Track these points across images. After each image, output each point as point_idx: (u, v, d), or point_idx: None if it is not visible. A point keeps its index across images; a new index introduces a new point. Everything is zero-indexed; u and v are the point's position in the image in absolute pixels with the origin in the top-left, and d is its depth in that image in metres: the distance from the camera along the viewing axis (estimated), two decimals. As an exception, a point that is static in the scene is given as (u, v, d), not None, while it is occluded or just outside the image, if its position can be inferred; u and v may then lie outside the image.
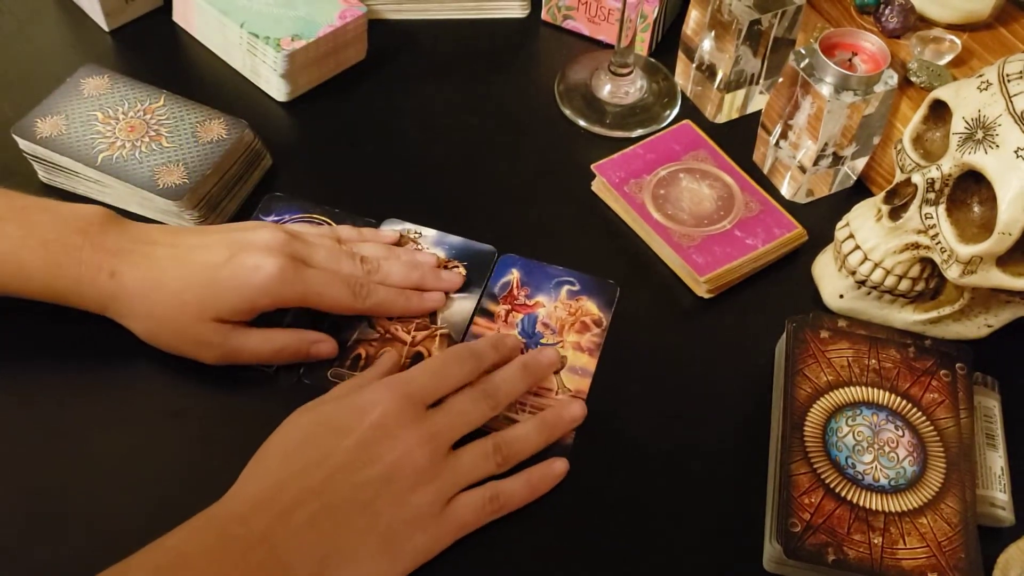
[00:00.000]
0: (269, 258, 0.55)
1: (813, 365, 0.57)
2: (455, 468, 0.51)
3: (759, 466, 0.56)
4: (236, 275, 0.55)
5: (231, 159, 0.65)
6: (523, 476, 0.53)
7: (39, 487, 0.53)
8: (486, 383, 0.55)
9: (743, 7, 0.68)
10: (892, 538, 0.50)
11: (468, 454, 0.52)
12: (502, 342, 0.58)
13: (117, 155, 0.64)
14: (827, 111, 0.63)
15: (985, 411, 0.57)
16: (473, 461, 0.52)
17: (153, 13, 0.79)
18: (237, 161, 0.66)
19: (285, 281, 0.55)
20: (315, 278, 0.57)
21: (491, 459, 0.53)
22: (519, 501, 0.53)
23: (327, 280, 0.57)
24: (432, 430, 0.51)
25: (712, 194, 0.67)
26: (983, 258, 0.54)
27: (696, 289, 0.64)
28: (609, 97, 0.75)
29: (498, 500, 0.52)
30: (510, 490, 0.52)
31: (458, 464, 0.51)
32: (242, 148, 0.66)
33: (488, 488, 0.52)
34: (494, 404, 0.54)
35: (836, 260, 0.62)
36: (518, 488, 0.53)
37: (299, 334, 0.58)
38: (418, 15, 0.81)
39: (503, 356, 0.57)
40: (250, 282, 0.54)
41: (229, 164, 0.65)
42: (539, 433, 0.55)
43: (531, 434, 0.54)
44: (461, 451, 0.52)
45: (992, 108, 0.53)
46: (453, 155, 0.72)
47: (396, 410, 0.50)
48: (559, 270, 0.65)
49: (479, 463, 0.52)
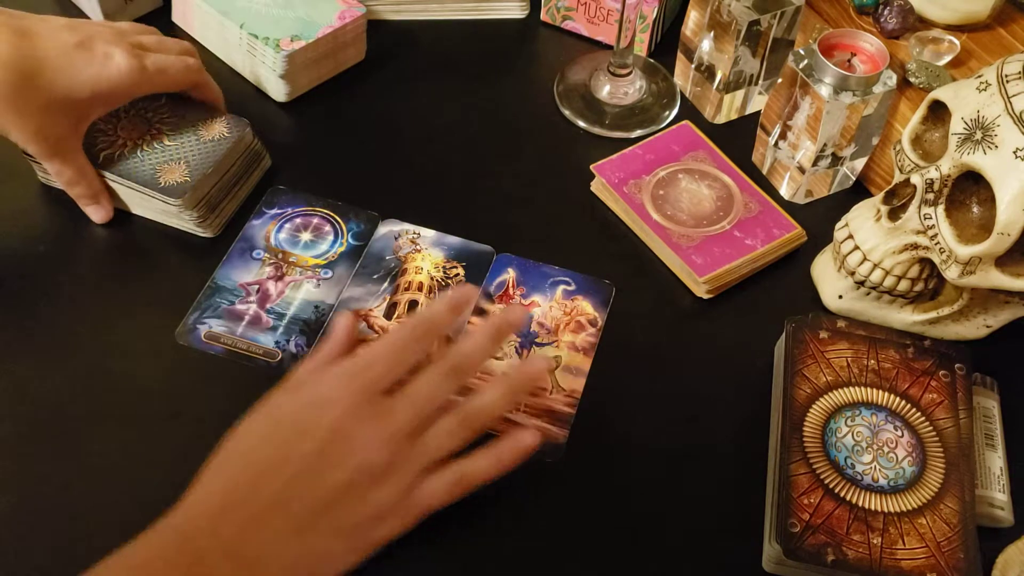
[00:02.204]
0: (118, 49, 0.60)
1: (812, 365, 0.57)
2: (420, 453, 0.49)
3: (758, 466, 0.56)
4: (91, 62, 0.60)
5: (232, 158, 0.65)
6: (490, 453, 0.51)
7: (38, 487, 0.53)
8: (452, 357, 0.51)
9: (742, 8, 0.68)
10: (891, 538, 0.50)
11: (433, 436, 0.49)
12: (456, 299, 0.53)
13: (119, 154, 0.64)
14: (826, 112, 0.63)
15: (984, 411, 0.57)
16: (438, 443, 0.49)
17: (153, 14, 0.79)
18: (238, 160, 0.66)
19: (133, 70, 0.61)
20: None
21: (456, 436, 0.50)
22: (486, 478, 0.50)
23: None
24: (394, 427, 0.48)
25: (711, 195, 0.67)
26: (982, 259, 0.54)
27: (695, 290, 0.64)
28: (608, 98, 0.75)
29: (464, 481, 0.50)
30: (476, 469, 0.50)
31: (423, 448, 0.49)
32: (243, 147, 0.66)
33: (453, 472, 0.50)
34: (462, 378, 0.51)
35: (835, 261, 0.62)
36: (485, 466, 0.50)
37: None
38: (418, 15, 0.81)
39: (461, 312, 0.53)
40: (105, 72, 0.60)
41: (230, 163, 0.65)
42: (505, 396, 0.52)
43: (497, 399, 0.51)
44: (426, 434, 0.49)
45: (991, 109, 0.53)
46: (452, 156, 0.72)
47: (354, 407, 0.48)
48: (555, 270, 0.65)
49: (444, 443, 0.49)
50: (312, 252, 0.65)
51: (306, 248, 0.65)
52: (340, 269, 0.64)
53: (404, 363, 0.50)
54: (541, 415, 0.58)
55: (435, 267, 0.65)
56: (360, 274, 0.64)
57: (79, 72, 0.59)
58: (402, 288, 0.63)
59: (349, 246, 0.66)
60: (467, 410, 0.50)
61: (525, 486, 0.55)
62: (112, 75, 0.60)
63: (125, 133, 0.65)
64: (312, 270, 0.64)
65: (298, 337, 0.61)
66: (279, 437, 0.48)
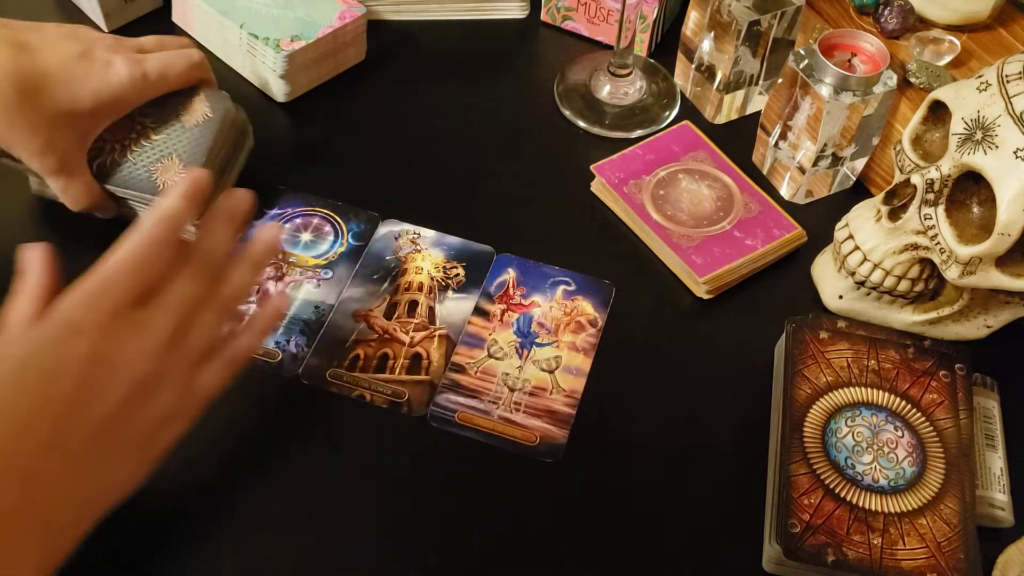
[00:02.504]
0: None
1: (812, 366, 0.57)
2: (186, 353, 0.47)
3: (758, 467, 0.56)
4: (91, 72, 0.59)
5: (221, 140, 0.63)
6: (251, 327, 0.51)
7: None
8: (199, 257, 0.49)
9: (742, 8, 0.68)
10: (891, 539, 0.50)
11: (196, 334, 0.48)
12: (189, 188, 0.50)
13: (110, 160, 0.62)
14: (826, 112, 0.63)
15: (984, 412, 0.57)
16: (202, 338, 0.48)
17: (152, 14, 0.79)
18: (227, 142, 0.64)
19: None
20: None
21: (218, 325, 0.49)
22: (255, 350, 0.52)
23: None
24: (154, 338, 0.46)
25: (711, 195, 0.67)
26: (982, 259, 0.54)
27: (695, 290, 0.64)
28: (608, 98, 0.75)
29: (235, 360, 0.50)
30: (243, 347, 0.51)
31: (188, 349, 0.48)
32: (228, 125, 0.64)
33: (222, 359, 0.49)
34: (215, 275, 0.50)
35: (835, 261, 0.62)
36: (250, 340, 0.51)
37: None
38: (418, 16, 0.81)
39: (198, 202, 0.50)
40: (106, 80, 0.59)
41: (220, 146, 0.63)
42: (251, 270, 0.51)
43: (245, 277, 0.51)
44: (189, 333, 0.48)
45: (991, 109, 0.53)
46: (452, 156, 0.72)
47: (107, 333, 0.45)
48: (555, 270, 0.65)
49: (209, 336, 0.49)
50: (312, 252, 0.65)
51: (306, 248, 0.65)
52: (340, 269, 0.64)
53: (148, 271, 0.47)
54: (541, 415, 0.58)
55: (435, 267, 0.65)
56: (360, 274, 0.64)
57: (82, 84, 0.58)
58: (402, 288, 0.63)
59: (349, 246, 0.66)
60: (221, 299, 0.50)
61: (525, 486, 0.55)
62: (114, 84, 0.59)
63: (111, 136, 0.62)
64: (312, 270, 0.64)
65: (298, 337, 0.61)
66: (31, 383, 0.44)
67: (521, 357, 0.60)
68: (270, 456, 0.56)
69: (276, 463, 0.55)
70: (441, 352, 0.60)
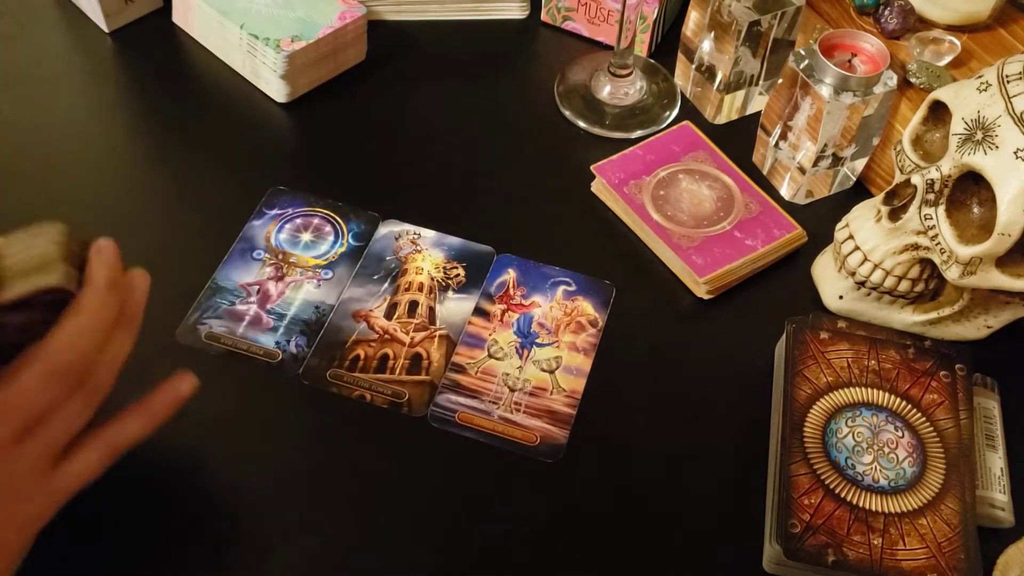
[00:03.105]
0: None
1: (813, 366, 0.57)
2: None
3: (759, 467, 0.56)
4: None
5: None
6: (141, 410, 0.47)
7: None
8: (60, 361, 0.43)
9: (742, 8, 0.68)
10: (892, 539, 0.50)
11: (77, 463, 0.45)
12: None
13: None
14: (826, 112, 0.63)
15: (985, 412, 0.57)
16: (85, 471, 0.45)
17: (153, 14, 0.79)
18: None
19: None
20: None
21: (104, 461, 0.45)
22: (137, 438, 0.46)
23: None
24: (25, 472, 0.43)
25: (712, 195, 0.67)
26: (983, 259, 0.54)
27: (696, 290, 0.64)
28: (609, 98, 0.75)
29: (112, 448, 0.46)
30: (125, 433, 0.46)
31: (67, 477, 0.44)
32: None
33: (97, 448, 0.45)
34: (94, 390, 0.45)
35: (836, 261, 0.62)
36: (134, 427, 0.46)
37: None
38: (418, 16, 0.81)
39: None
40: None
41: None
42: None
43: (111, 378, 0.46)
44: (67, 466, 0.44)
45: (991, 109, 0.53)
46: (453, 156, 0.72)
47: None
48: (555, 270, 0.65)
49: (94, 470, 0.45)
50: (312, 252, 0.65)
51: (306, 248, 0.65)
52: (340, 270, 0.64)
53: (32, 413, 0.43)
54: (541, 415, 0.58)
55: (435, 267, 0.65)
56: (360, 275, 0.64)
57: None
58: (402, 288, 0.63)
59: (349, 247, 0.66)
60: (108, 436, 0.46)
61: (525, 486, 0.55)
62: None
63: None
64: (312, 271, 0.64)
65: (298, 338, 0.61)
66: None
67: (521, 357, 0.60)
68: (270, 457, 0.56)
69: (276, 464, 0.55)
70: (441, 352, 0.60)
